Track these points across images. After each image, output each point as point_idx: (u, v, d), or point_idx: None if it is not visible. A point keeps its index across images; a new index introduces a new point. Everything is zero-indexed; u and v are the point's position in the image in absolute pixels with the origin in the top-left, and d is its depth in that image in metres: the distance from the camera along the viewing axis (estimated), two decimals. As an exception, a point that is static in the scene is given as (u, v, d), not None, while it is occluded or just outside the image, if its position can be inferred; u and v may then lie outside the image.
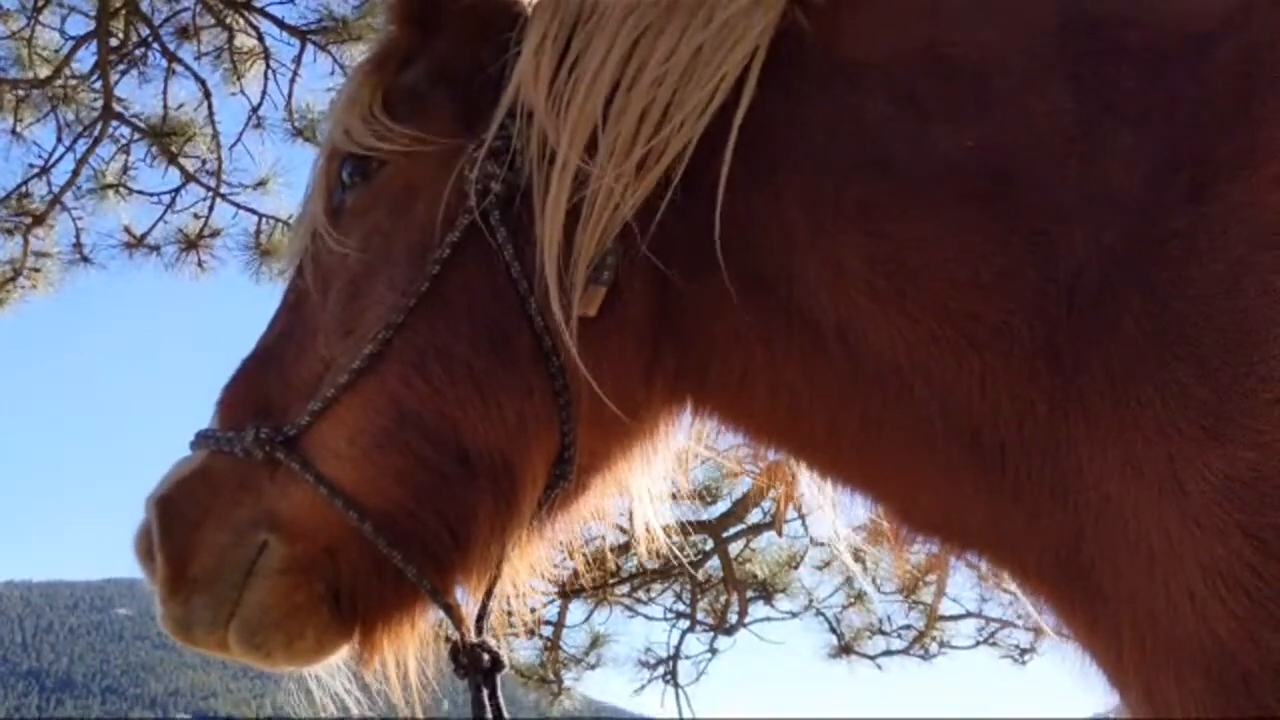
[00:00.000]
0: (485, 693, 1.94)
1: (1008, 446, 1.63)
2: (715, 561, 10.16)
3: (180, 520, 1.89)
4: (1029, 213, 1.63)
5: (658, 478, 2.14)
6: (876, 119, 1.72)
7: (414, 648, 1.96)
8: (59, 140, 10.08)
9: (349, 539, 1.84)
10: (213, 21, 9.82)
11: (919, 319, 1.67)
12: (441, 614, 1.93)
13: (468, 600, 1.97)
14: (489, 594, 2.00)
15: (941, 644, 10.95)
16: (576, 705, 11.04)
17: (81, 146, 10.03)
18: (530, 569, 2.04)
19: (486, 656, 1.96)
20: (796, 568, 10.57)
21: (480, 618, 2.00)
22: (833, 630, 11.03)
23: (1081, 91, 1.65)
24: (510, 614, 2.08)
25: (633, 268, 1.83)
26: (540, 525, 1.97)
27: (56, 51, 9.88)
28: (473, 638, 1.96)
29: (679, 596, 10.83)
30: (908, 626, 10.94)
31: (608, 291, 1.81)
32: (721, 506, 9.52)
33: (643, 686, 10.91)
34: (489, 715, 1.93)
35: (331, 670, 1.99)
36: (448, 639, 1.97)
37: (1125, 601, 1.53)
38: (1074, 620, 1.67)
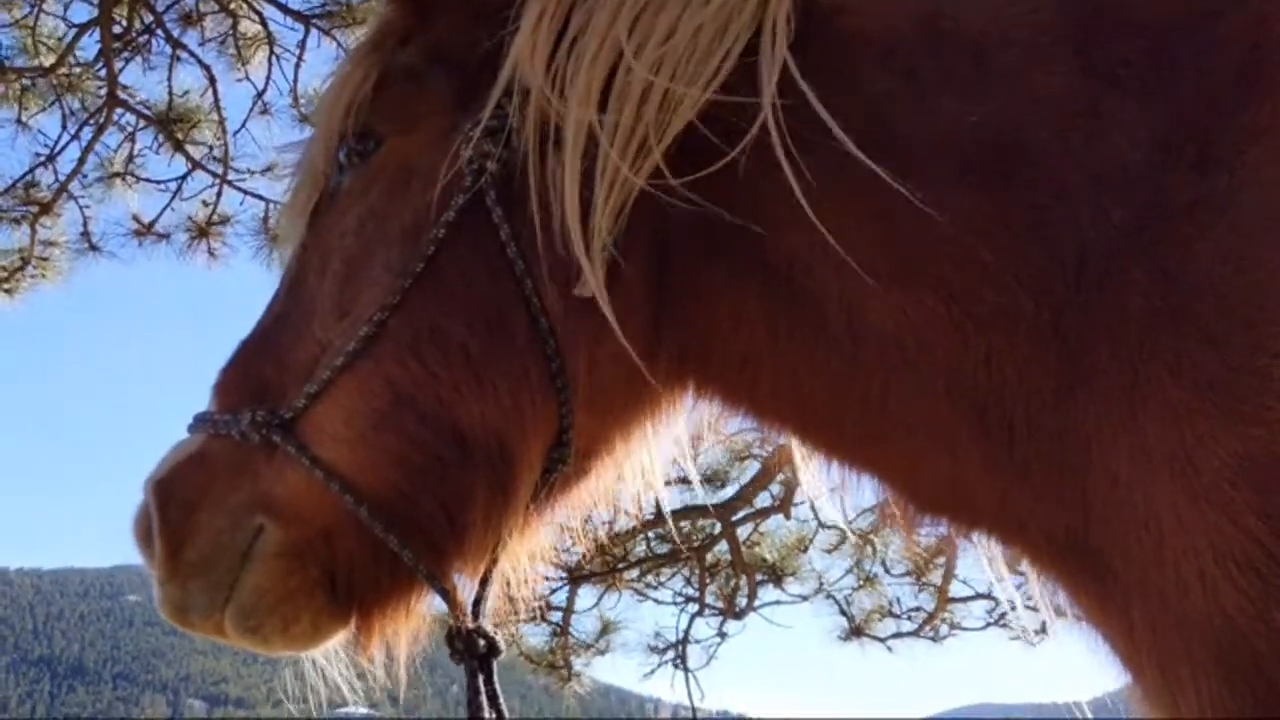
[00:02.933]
0: (481, 678, 1.93)
1: (1014, 426, 1.62)
2: (724, 545, 10.18)
3: (177, 503, 1.88)
4: (1032, 189, 1.61)
5: (661, 461, 2.13)
6: (878, 95, 1.70)
7: (411, 632, 1.95)
8: (64, 128, 10.09)
9: (345, 523, 1.83)
10: (216, 7, 9.81)
11: (922, 299, 1.65)
12: (438, 599, 1.92)
13: (465, 585, 1.96)
14: (486, 579, 1.99)
15: (952, 626, 10.96)
16: (586, 689, 11.08)
17: (87, 134, 10.03)
18: (530, 554, 2.03)
19: (483, 642, 1.95)
20: (805, 551, 10.58)
21: (477, 602, 1.99)
22: (843, 613, 11.05)
23: (1085, 65, 1.63)
24: (512, 599, 2.06)
25: (632, 248, 1.81)
26: (539, 509, 1.96)
27: (60, 39, 9.86)
28: (470, 623, 1.95)
29: (688, 581, 10.85)
30: (918, 608, 10.95)
31: (607, 271, 1.79)
32: (729, 490, 9.52)
33: (652, 671, 10.96)
34: (485, 700, 1.92)
35: (330, 655, 1.98)
36: (445, 624, 1.95)
37: (1135, 581, 1.52)
38: (1085, 600, 1.65)
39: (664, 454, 2.11)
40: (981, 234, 1.62)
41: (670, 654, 10.88)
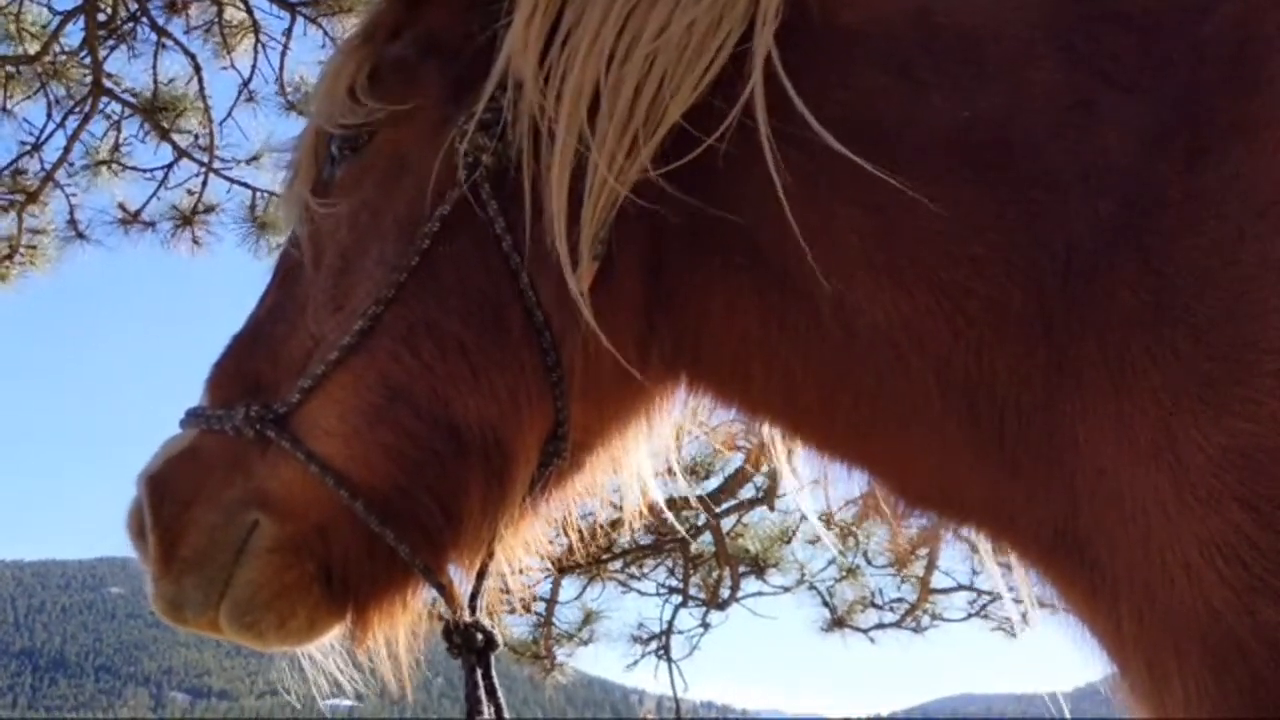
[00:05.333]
0: (479, 672, 1.94)
1: (1004, 420, 1.62)
2: (708, 537, 10.19)
3: (170, 499, 1.87)
4: (1024, 184, 1.62)
5: (652, 454, 2.13)
6: (870, 89, 1.71)
7: (407, 627, 1.95)
8: (49, 117, 10.05)
9: (340, 517, 1.82)
10: (201, -6, 9.76)
11: (914, 292, 1.66)
12: (434, 593, 1.92)
13: (461, 579, 1.96)
14: (482, 573, 1.99)
15: (934, 617, 11.00)
16: (570, 680, 11.10)
17: (73, 123, 9.97)
18: (524, 546, 2.03)
19: (480, 636, 1.95)
20: (789, 542, 10.59)
21: (474, 596, 1.99)
22: (825, 604, 11.08)
23: (1076, 60, 1.63)
24: (505, 591, 2.07)
25: (626, 242, 1.81)
26: (534, 502, 1.96)
27: (45, 27, 9.80)
28: (466, 617, 1.95)
29: (672, 572, 10.86)
30: (900, 600, 10.99)
31: (601, 266, 1.80)
32: (714, 482, 9.54)
33: (636, 661, 10.98)
34: (483, 694, 1.92)
35: (324, 649, 1.98)
36: (441, 618, 1.96)
37: (1122, 574, 1.53)
38: (1072, 593, 1.66)
39: (656, 447, 2.11)
40: (974, 228, 1.63)
41: (654, 645, 10.89)
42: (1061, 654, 1.80)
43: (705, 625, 10.99)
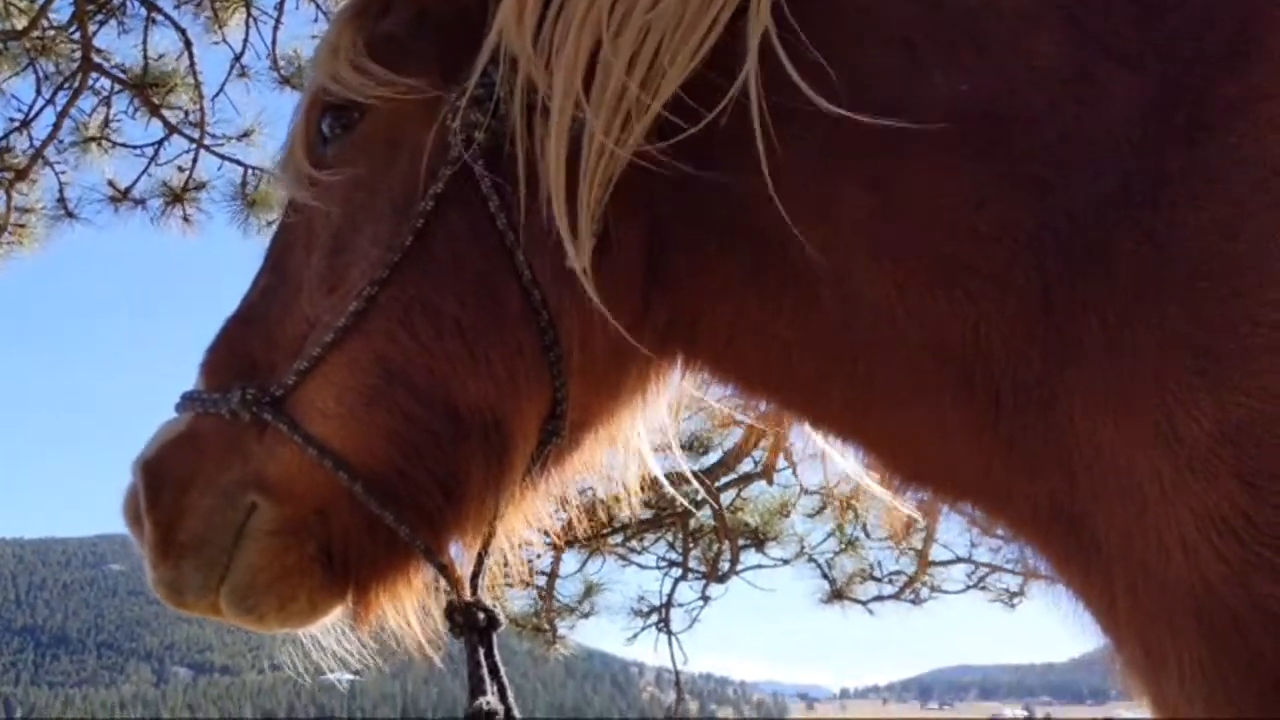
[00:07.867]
0: (481, 651, 1.94)
1: (1001, 396, 1.62)
2: (707, 510, 10.22)
3: (167, 484, 1.87)
4: (1025, 159, 1.61)
5: (649, 430, 2.13)
6: (870, 62, 1.69)
7: (408, 606, 1.95)
8: (38, 93, 9.95)
9: (340, 499, 1.82)
10: (191, -31, 9.67)
11: (914, 268, 1.65)
12: (436, 572, 1.92)
13: (462, 558, 1.96)
14: (483, 552, 1.99)
15: (932, 588, 11.05)
16: (571, 653, 11.15)
17: (62, 99, 9.89)
18: (524, 525, 2.03)
19: (482, 615, 1.95)
20: (788, 515, 10.62)
21: (475, 576, 1.99)
22: (825, 576, 11.12)
23: (1078, 33, 1.62)
24: (505, 567, 2.07)
25: (622, 220, 1.80)
26: (534, 481, 1.96)
27: (33, 2, 9.71)
28: (468, 596, 1.96)
29: (672, 545, 10.90)
30: (899, 572, 11.03)
31: (597, 244, 1.78)
32: (713, 457, 9.55)
33: (636, 634, 11.03)
34: (486, 673, 1.93)
35: (325, 627, 1.98)
36: (444, 595, 1.96)
37: (1118, 549, 1.53)
38: (1068, 569, 1.66)
39: (653, 423, 2.11)
40: (975, 204, 1.62)
41: (654, 617, 10.94)
42: (1056, 627, 1.80)
43: (705, 598, 11.04)
